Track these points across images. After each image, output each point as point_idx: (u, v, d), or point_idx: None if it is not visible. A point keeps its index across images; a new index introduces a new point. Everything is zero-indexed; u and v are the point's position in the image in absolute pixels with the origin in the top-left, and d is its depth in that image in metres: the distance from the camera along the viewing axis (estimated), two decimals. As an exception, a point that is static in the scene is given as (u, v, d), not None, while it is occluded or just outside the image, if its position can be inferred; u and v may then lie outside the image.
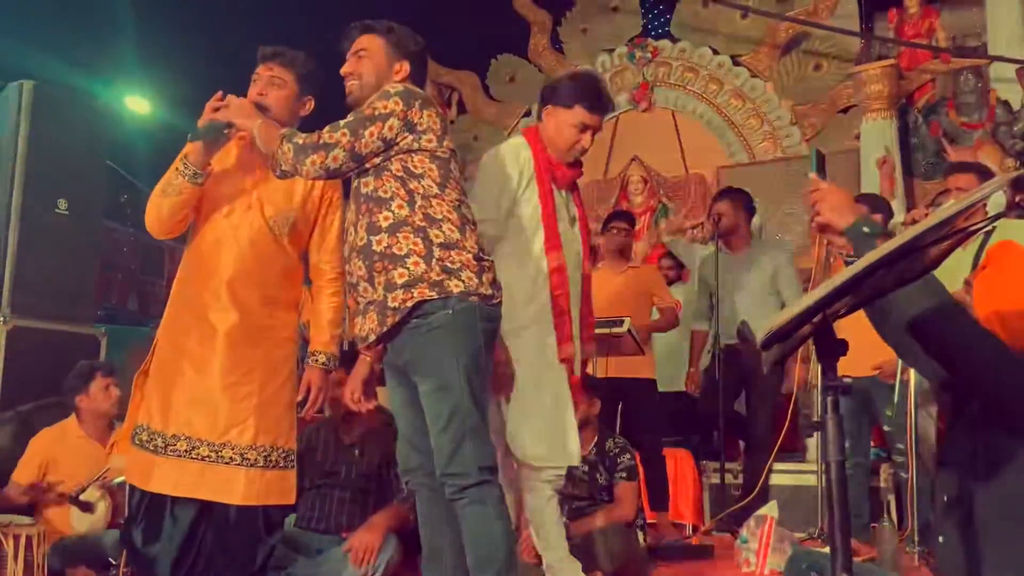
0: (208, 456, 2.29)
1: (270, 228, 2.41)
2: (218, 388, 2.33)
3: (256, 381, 2.36)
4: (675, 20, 7.71)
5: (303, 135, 2.11)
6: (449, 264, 2.07)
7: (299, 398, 2.44)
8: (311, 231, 2.51)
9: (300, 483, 2.60)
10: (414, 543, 2.39)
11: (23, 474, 3.30)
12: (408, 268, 2.06)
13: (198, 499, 2.32)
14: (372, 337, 2.12)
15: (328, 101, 2.51)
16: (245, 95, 2.40)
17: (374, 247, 2.10)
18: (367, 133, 2.07)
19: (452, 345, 2.05)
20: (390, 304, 2.08)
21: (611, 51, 7.94)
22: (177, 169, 2.33)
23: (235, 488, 2.29)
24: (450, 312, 2.05)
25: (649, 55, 7.73)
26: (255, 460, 2.32)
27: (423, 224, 2.09)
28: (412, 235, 2.08)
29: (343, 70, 2.27)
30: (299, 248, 2.51)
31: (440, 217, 2.10)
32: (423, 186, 2.11)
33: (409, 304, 2.05)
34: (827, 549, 1.32)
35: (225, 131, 2.29)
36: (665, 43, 7.73)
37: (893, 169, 6.24)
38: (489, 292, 2.11)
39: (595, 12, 8.08)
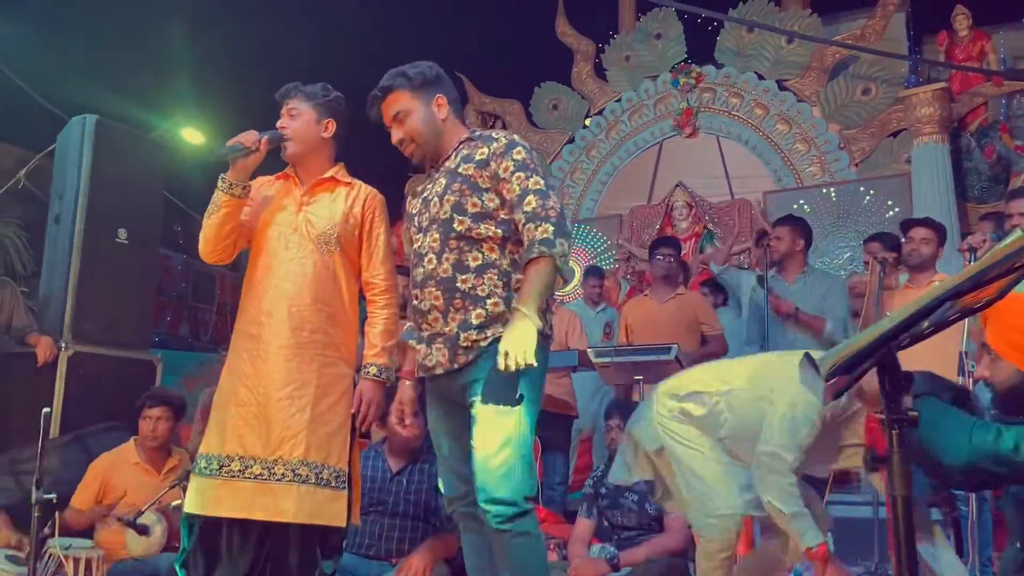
0: (260, 474, 2.30)
1: (317, 247, 2.46)
2: (271, 401, 2.34)
3: (309, 395, 2.37)
4: (719, 46, 7.68)
5: (537, 230, 2.06)
6: None
7: (352, 410, 2.44)
8: (359, 247, 2.54)
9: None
10: (464, 570, 2.38)
11: (81, 499, 3.39)
12: (487, 309, 2.12)
13: (255, 525, 2.32)
14: (440, 371, 2.17)
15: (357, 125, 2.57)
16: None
17: (458, 284, 2.14)
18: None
19: (516, 375, 2.05)
20: (462, 343, 2.12)
21: (655, 77, 7.95)
22: (217, 187, 2.42)
23: (287, 506, 2.28)
24: None
25: (693, 81, 7.72)
26: (307, 476, 2.31)
27: (509, 268, 2.14)
28: (497, 277, 2.14)
29: (394, 140, 2.31)
30: (352, 266, 2.53)
31: (522, 261, 2.12)
32: (512, 231, 2.15)
33: (483, 344, 2.09)
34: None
35: (243, 150, 2.38)
36: (709, 69, 7.71)
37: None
38: (549, 333, 2.19)
39: (638, 39, 8.09)
